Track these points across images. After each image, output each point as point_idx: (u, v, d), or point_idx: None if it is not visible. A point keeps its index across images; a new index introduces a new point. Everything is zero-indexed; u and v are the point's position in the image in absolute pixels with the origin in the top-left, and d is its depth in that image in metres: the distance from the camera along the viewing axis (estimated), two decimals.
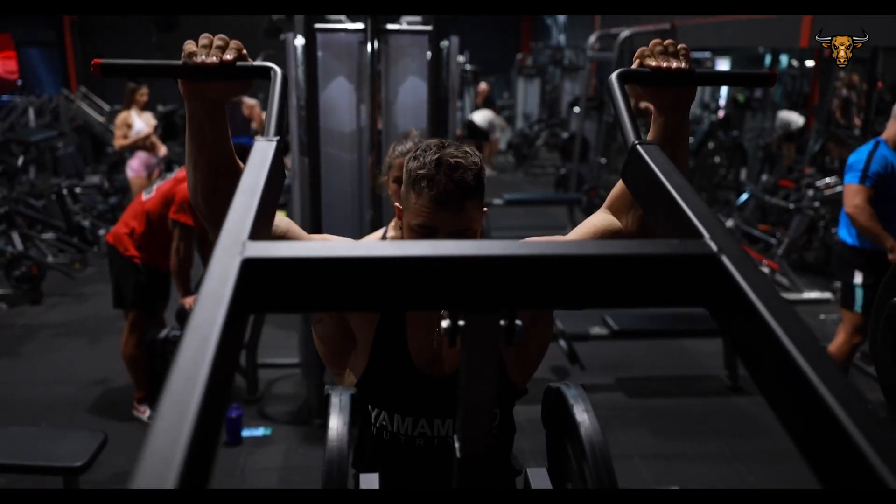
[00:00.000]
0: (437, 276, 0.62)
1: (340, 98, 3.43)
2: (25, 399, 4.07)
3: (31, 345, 4.81)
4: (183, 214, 3.59)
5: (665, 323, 4.30)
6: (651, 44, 1.15)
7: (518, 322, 0.75)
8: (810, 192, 5.71)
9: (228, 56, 1.10)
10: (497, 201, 7.46)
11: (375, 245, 0.64)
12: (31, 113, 8.75)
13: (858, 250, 3.68)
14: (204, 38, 1.12)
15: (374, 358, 1.40)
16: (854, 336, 3.72)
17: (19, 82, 12.76)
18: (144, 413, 3.81)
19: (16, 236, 5.83)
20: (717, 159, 8.35)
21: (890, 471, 0.42)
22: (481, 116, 11.47)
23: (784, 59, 9.54)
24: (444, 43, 3.38)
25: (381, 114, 3.44)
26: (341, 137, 3.45)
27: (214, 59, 1.09)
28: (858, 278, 3.62)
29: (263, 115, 6.58)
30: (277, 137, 0.89)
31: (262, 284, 0.59)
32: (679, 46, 1.15)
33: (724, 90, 12.27)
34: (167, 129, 7.82)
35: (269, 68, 1.10)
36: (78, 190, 7.08)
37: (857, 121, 7.05)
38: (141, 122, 6.31)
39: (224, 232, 0.61)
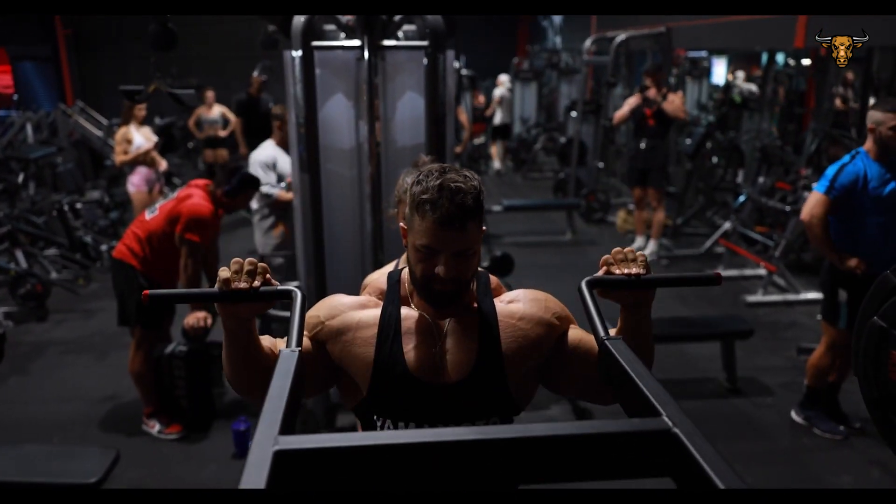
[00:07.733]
0: (439, 461, 0.81)
1: (339, 115, 3.47)
2: (36, 416, 4.12)
3: (39, 362, 4.86)
4: (190, 232, 3.64)
5: (664, 327, 4.33)
6: (612, 252, 1.35)
7: None
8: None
9: (256, 283, 1.29)
10: (496, 208, 7.44)
11: (380, 435, 0.84)
12: (29, 129, 8.77)
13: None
14: (235, 265, 1.30)
15: (376, 374, 1.47)
16: (834, 350, 3.68)
17: (16, 97, 12.77)
18: (154, 428, 3.86)
19: (19, 254, 5.89)
20: (714, 160, 8.37)
21: None
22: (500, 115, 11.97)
23: (780, 58, 9.58)
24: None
25: (379, 130, 3.48)
26: (341, 154, 3.50)
27: (245, 285, 1.28)
28: (843, 296, 3.55)
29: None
30: (300, 349, 1.09)
31: (292, 469, 0.77)
32: (637, 254, 1.35)
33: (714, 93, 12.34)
34: (166, 142, 7.87)
35: (290, 291, 1.28)
36: (79, 205, 7.12)
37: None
38: (140, 138, 6.36)
39: (259, 430, 0.80)
